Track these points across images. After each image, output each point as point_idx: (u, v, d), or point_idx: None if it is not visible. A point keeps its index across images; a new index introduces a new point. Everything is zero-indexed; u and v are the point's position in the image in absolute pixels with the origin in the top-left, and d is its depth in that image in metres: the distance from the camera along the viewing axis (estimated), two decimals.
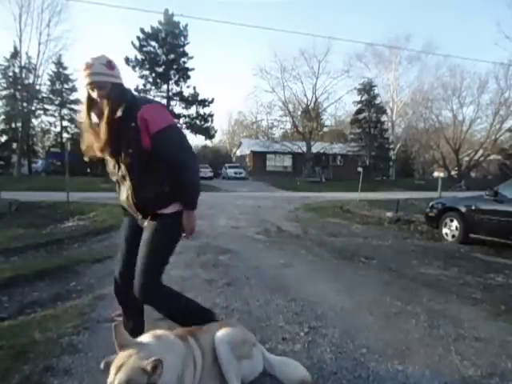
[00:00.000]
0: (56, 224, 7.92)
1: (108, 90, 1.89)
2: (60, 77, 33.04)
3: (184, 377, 1.64)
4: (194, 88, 25.77)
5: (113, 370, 1.43)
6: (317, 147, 33.62)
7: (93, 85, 1.87)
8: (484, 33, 69.70)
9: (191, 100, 25.92)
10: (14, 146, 30.16)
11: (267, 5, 70.37)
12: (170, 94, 25.64)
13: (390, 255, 5.59)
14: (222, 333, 1.94)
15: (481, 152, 32.59)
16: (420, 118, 35.51)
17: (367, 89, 33.38)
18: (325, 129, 39.37)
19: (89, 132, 1.97)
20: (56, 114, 33.91)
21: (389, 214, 9.89)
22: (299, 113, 36.00)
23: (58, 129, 34.58)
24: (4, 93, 30.24)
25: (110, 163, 2.07)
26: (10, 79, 29.86)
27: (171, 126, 1.98)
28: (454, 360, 2.38)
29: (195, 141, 45.81)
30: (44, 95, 32.58)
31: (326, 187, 25.76)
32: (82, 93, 2.01)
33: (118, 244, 2.25)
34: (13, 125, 30.67)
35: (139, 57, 24.79)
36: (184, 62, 25.54)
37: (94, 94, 1.89)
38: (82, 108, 1.97)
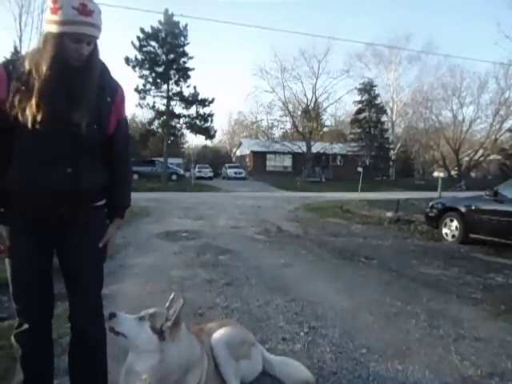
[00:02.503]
0: None
1: (93, 48, 1.44)
2: None
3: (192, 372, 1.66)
4: (194, 88, 25.77)
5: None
6: (317, 147, 33.61)
7: (86, 38, 1.38)
8: (484, 33, 69.78)
9: (191, 100, 25.89)
10: None
11: (267, 5, 70.48)
12: (170, 93, 25.60)
13: (390, 255, 5.59)
14: (219, 333, 1.94)
15: (481, 152, 32.57)
16: (420, 118, 35.49)
17: (367, 89, 33.35)
18: (325, 129, 39.37)
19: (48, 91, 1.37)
20: None
21: (389, 214, 9.89)
22: (299, 113, 35.98)
23: None
24: None
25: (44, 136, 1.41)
26: None
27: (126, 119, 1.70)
28: (454, 360, 2.38)
29: (195, 141, 45.92)
30: None
31: (326, 187, 25.75)
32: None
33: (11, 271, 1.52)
34: None
35: (139, 57, 24.78)
36: (184, 62, 25.52)
37: (77, 48, 1.38)
38: (50, 53, 1.36)
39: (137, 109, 54.85)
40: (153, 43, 25.15)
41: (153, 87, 25.30)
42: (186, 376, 1.61)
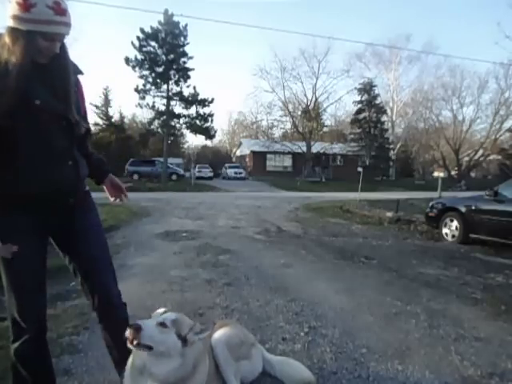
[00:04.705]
0: None
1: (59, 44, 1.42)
2: None
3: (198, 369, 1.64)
4: (194, 88, 25.76)
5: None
6: (317, 147, 33.62)
7: (60, 37, 1.38)
8: (484, 33, 69.77)
9: (191, 100, 25.88)
10: None
11: (267, 5, 70.42)
12: (170, 93, 25.59)
13: (390, 255, 5.59)
14: (219, 333, 1.94)
15: (481, 152, 32.57)
16: (420, 118, 35.53)
17: (367, 89, 33.36)
18: (325, 129, 39.33)
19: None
20: None
21: (389, 214, 9.89)
22: (299, 113, 35.98)
23: None
24: None
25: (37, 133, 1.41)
26: None
27: None
28: (454, 360, 2.38)
29: (195, 141, 45.92)
30: None
31: (326, 187, 25.76)
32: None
33: (10, 272, 1.47)
34: None
35: (139, 57, 24.77)
36: (184, 62, 25.51)
37: (49, 46, 1.36)
38: (21, 51, 1.31)
39: (137, 109, 54.85)
40: (153, 43, 25.15)
41: (153, 87, 25.29)
42: (195, 373, 1.61)
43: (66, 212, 1.53)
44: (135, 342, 1.41)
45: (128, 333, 1.40)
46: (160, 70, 25.13)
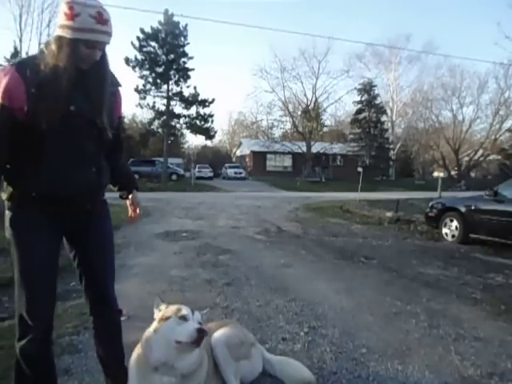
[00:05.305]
0: None
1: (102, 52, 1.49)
2: None
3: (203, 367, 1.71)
4: (195, 88, 25.76)
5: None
6: (317, 147, 33.61)
7: (100, 45, 1.45)
8: (484, 33, 69.66)
9: (191, 100, 25.87)
10: None
11: (267, 5, 70.40)
12: (170, 94, 25.58)
13: (390, 255, 5.59)
14: (219, 333, 1.94)
15: (481, 152, 32.59)
16: (420, 118, 35.53)
17: (367, 89, 33.36)
18: (325, 129, 39.33)
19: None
20: None
21: (389, 214, 9.89)
22: (299, 113, 35.98)
23: None
24: None
25: (70, 136, 1.46)
26: None
27: None
28: (454, 360, 2.38)
29: (195, 141, 45.90)
30: None
31: (325, 187, 25.76)
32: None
33: (24, 271, 1.49)
34: None
35: (139, 57, 24.74)
36: (184, 62, 25.50)
37: (90, 53, 1.43)
38: (66, 58, 1.39)
39: (137, 109, 54.73)
40: (153, 43, 25.14)
41: (153, 87, 25.27)
42: (202, 363, 1.70)
43: (82, 216, 1.58)
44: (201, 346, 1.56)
45: (197, 337, 1.50)
46: (160, 70, 25.13)
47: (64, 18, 1.37)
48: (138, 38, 24.83)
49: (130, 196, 1.88)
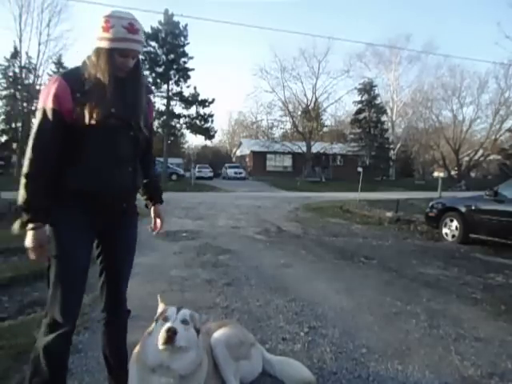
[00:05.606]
0: None
1: (136, 61, 1.63)
2: None
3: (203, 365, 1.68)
4: (195, 88, 25.80)
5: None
6: (317, 147, 33.60)
7: (132, 53, 1.57)
8: (484, 33, 69.73)
9: (191, 100, 25.91)
10: (14, 146, 30.13)
11: (267, 5, 70.42)
12: (170, 93, 25.62)
13: (390, 255, 5.59)
14: (218, 333, 1.95)
15: (481, 152, 32.59)
16: (420, 118, 35.53)
17: (367, 89, 33.37)
18: (325, 129, 39.31)
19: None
20: None
21: (389, 214, 9.89)
22: (299, 113, 35.98)
23: None
24: (4, 93, 30.21)
25: (108, 138, 1.57)
26: (10, 79, 29.82)
27: None
28: (454, 360, 2.38)
29: (195, 141, 45.89)
30: None
31: (326, 187, 25.76)
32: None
33: (64, 267, 1.53)
34: (13, 125, 30.66)
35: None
36: (184, 62, 25.54)
37: (124, 61, 1.56)
38: (104, 66, 1.53)
39: None
40: (153, 43, 25.17)
41: (153, 87, 25.26)
42: (202, 363, 1.67)
43: (117, 215, 1.66)
44: (174, 345, 1.47)
45: (165, 337, 1.46)
46: (160, 70, 25.16)
47: (101, 30, 1.52)
48: None
49: (154, 208, 1.98)
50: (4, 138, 31.55)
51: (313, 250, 5.72)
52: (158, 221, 2.01)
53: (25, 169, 1.49)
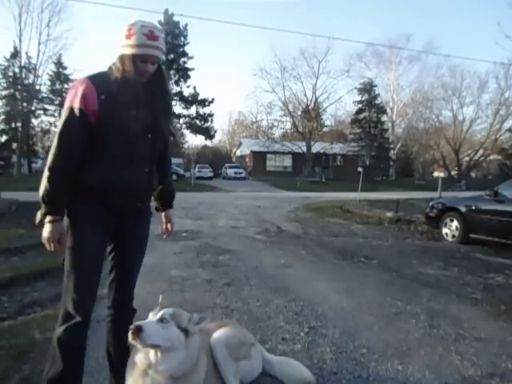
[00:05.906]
0: None
1: (157, 67, 1.70)
2: (60, 77, 33.00)
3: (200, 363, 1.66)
4: (194, 88, 25.85)
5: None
6: (317, 147, 33.61)
7: (152, 59, 1.64)
8: (484, 33, 69.72)
9: (191, 100, 25.95)
10: (14, 146, 30.15)
11: (268, 5, 70.39)
12: (170, 93, 25.65)
13: (390, 255, 5.59)
14: (218, 333, 1.94)
15: (481, 152, 32.61)
16: (420, 118, 35.55)
17: (367, 89, 33.38)
18: (325, 129, 39.31)
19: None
20: (56, 114, 33.81)
21: (389, 214, 9.89)
22: (299, 113, 35.98)
23: None
24: (4, 93, 30.23)
25: (130, 137, 1.63)
26: (10, 79, 29.85)
27: None
28: (454, 360, 2.38)
29: (195, 141, 45.88)
30: (44, 95, 32.53)
31: (326, 187, 25.76)
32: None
33: (80, 258, 1.59)
34: (13, 125, 30.66)
35: None
36: (184, 62, 25.58)
37: (144, 67, 1.63)
38: (128, 71, 1.61)
39: None
40: None
41: None
42: (197, 365, 1.63)
43: (130, 214, 1.71)
44: (140, 343, 1.44)
45: (130, 334, 1.43)
46: None
47: (124, 38, 1.62)
48: None
49: (165, 213, 2.05)
50: (4, 138, 31.55)
51: (313, 250, 5.72)
52: (169, 225, 2.07)
53: (49, 163, 1.55)
